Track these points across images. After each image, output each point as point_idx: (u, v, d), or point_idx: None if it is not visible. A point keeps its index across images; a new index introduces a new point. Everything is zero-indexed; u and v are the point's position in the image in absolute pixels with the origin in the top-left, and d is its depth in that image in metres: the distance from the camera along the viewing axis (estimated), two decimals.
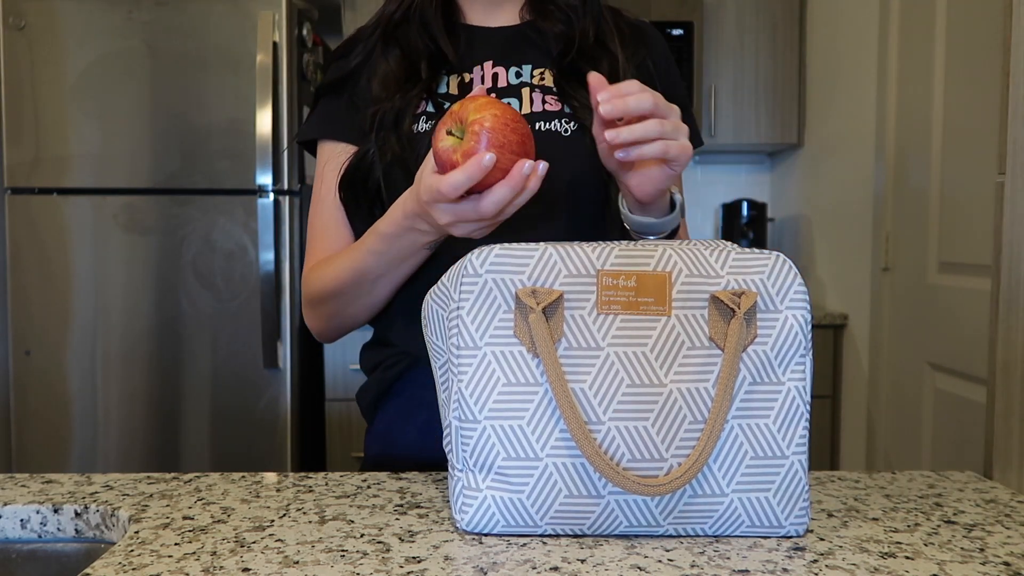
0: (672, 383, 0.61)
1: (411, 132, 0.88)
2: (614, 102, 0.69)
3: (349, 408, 2.31)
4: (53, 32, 2.09)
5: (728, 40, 2.68)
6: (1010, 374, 0.92)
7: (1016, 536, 0.65)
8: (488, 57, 0.93)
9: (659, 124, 0.70)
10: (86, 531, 0.71)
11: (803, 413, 0.63)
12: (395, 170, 0.87)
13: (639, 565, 0.58)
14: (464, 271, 0.63)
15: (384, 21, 0.94)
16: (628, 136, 0.69)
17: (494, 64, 0.93)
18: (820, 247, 2.60)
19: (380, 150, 0.88)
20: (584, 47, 0.92)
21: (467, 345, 0.62)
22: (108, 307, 2.12)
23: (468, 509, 0.63)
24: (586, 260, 0.63)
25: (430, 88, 0.90)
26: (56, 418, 2.13)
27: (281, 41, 2.08)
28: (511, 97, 0.91)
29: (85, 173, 2.11)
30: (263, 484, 0.77)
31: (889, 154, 2.12)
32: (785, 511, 0.63)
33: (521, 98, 0.90)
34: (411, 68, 0.91)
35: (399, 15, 0.93)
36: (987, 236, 1.59)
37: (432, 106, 0.90)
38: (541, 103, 0.90)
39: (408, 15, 0.93)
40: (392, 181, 0.88)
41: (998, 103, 0.96)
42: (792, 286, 0.64)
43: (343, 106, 0.94)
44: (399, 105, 0.88)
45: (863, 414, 2.28)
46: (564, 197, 0.88)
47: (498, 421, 0.61)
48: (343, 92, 0.95)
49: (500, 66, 0.92)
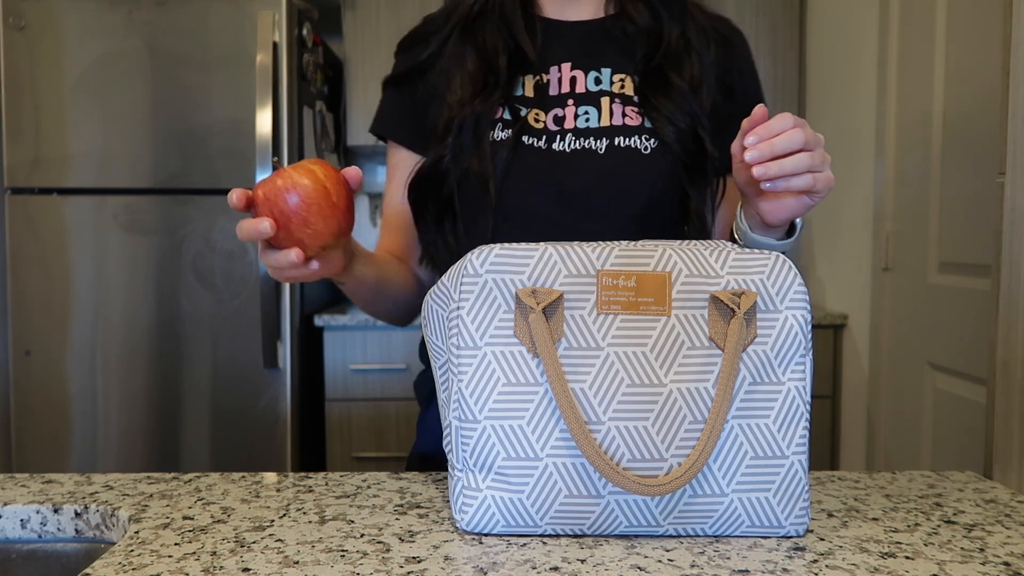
0: (672, 383, 0.61)
1: (489, 141, 0.85)
2: (760, 148, 0.65)
3: (349, 408, 2.31)
4: (53, 32, 2.08)
5: None
6: (1010, 374, 0.92)
7: (1016, 536, 0.65)
8: (566, 57, 0.89)
9: (809, 158, 0.66)
10: (86, 531, 0.71)
11: (803, 413, 0.63)
12: (469, 179, 0.85)
13: (639, 565, 0.58)
14: (464, 271, 0.63)
15: (463, 14, 0.90)
16: (777, 171, 0.65)
17: (573, 67, 0.89)
18: (820, 247, 2.60)
19: (455, 158, 0.85)
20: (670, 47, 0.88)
21: (467, 345, 0.62)
22: (108, 307, 2.12)
23: (468, 509, 0.63)
24: (586, 260, 0.63)
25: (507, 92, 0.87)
26: (56, 418, 2.13)
27: (281, 41, 2.07)
28: (589, 105, 0.87)
29: (85, 173, 2.11)
30: (263, 484, 0.77)
31: (889, 154, 2.12)
32: (785, 511, 0.63)
33: (600, 108, 0.87)
34: (488, 68, 0.87)
35: (478, 7, 0.89)
36: (987, 236, 1.59)
37: (509, 112, 0.87)
38: (621, 116, 0.86)
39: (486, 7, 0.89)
40: (466, 191, 0.86)
41: (998, 103, 0.96)
42: (792, 286, 0.64)
43: (407, 106, 0.92)
44: (478, 111, 0.85)
45: (863, 414, 2.28)
46: (637, 219, 0.85)
47: (498, 421, 0.61)
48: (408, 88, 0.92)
49: (579, 69, 0.89)
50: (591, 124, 0.86)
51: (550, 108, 0.88)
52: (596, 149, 0.85)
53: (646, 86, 0.87)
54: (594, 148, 0.85)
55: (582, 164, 0.85)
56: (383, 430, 2.30)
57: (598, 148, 0.85)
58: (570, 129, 0.86)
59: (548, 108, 0.88)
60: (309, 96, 2.25)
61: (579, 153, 0.85)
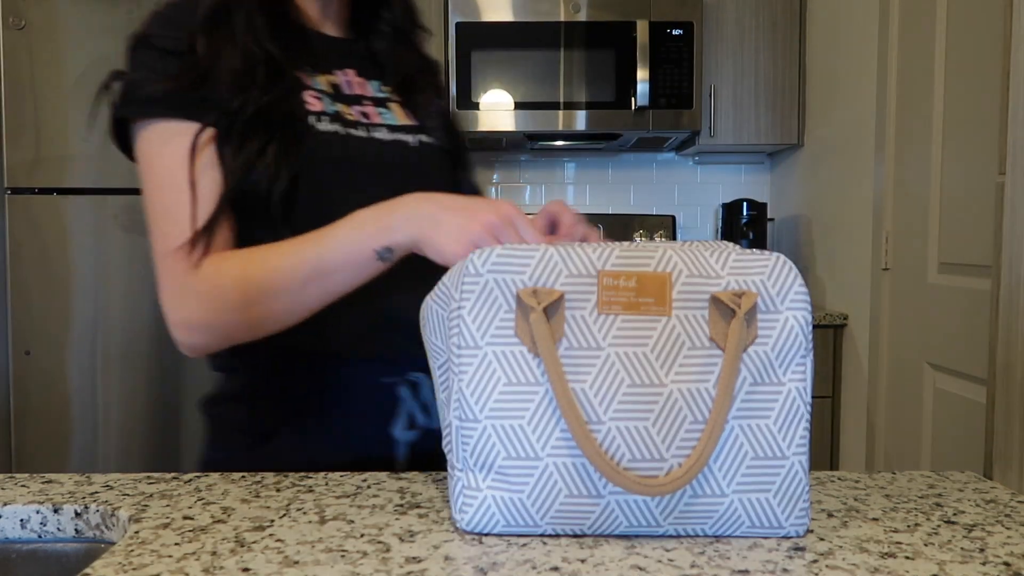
0: (673, 383, 0.61)
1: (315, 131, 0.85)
2: None
3: None
4: (53, 32, 2.08)
5: (728, 40, 2.68)
6: (1010, 374, 0.92)
7: (1016, 536, 0.65)
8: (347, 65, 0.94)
9: None
10: (86, 531, 0.71)
11: (803, 414, 0.63)
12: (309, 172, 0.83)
13: (639, 565, 0.58)
14: (466, 271, 0.63)
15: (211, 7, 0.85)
16: None
17: (358, 74, 0.94)
18: (820, 247, 2.60)
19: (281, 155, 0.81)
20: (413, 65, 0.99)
21: (468, 345, 0.62)
22: (108, 307, 2.12)
23: (468, 509, 0.63)
24: (587, 260, 0.63)
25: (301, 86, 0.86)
26: (56, 418, 2.13)
27: None
28: (381, 107, 0.93)
29: (85, 173, 2.11)
30: (263, 484, 0.77)
31: (889, 154, 2.12)
32: (785, 512, 0.63)
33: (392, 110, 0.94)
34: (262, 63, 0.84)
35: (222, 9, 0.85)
36: (987, 236, 1.59)
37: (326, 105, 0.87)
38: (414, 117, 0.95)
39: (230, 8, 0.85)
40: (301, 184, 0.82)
41: (998, 103, 0.96)
42: (792, 287, 0.64)
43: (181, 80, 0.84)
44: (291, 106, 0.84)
45: (863, 414, 2.28)
46: None
47: (499, 420, 0.61)
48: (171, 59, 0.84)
49: (362, 77, 0.95)
50: (393, 122, 0.93)
51: (351, 105, 0.91)
52: (407, 142, 0.93)
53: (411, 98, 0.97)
54: (405, 140, 0.93)
55: (402, 155, 0.91)
56: None
57: (410, 142, 0.93)
58: (380, 124, 0.92)
59: (350, 104, 0.91)
60: None
61: (396, 143, 0.92)
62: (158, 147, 0.83)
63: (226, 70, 0.82)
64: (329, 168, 0.85)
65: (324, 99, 0.88)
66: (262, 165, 0.81)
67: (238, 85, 0.82)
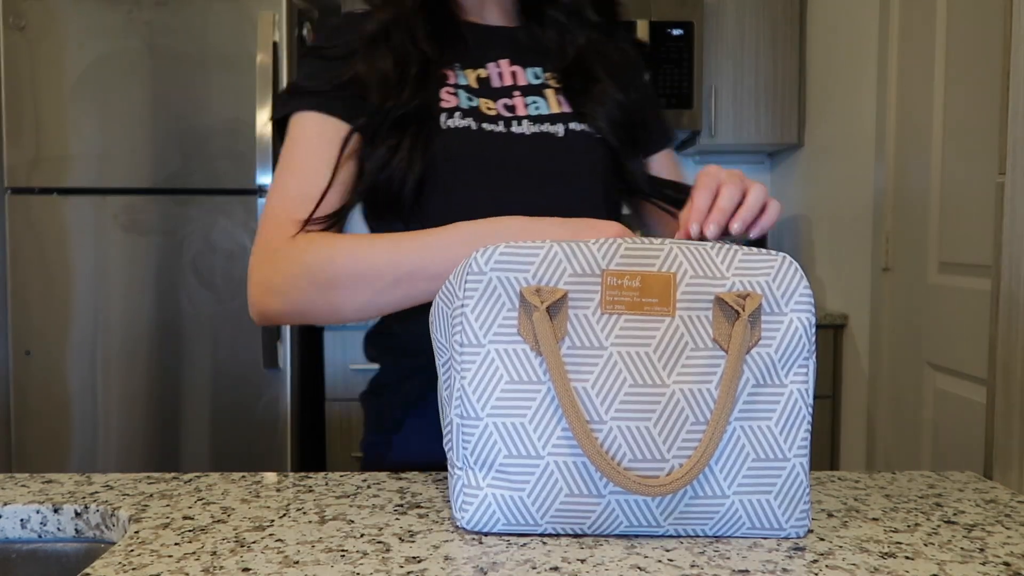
0: (675, 384, 0.61)
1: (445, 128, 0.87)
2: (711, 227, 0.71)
3: (349, 408, 2.31)
4: (53, 32, 2.08)
5: (728, 40, 2.68)
6: (1010, 374, 0.92)
7: (1016, 536, 0.65)
8: (502, 55, 0.94)
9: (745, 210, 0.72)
10: (86, 531, 0.71)
11: (805, 416, 0.63)
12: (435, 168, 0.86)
13: (639, 565, 0.58)
14: (469, 268, 0.63)
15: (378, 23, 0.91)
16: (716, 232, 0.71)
17: (511, 63, 0.94)
18: (820, 247, 2.60)
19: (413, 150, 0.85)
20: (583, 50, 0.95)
21: (470, 342, 0.62)
22: (108, 307, 2.12)
23: (468, 507, 0.63)
24: (591, 259, 0.63)
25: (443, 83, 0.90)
26: (56, 418, 2.13)
27: (281, 41, 2.07)
28: (535, 96, 0.92)
29: (85, 173, 2.11)
30: (263, 484, 0.77)
31: (889, 154, 2.12)
32: (786, 513, 0.63)
33: (547, 98, 0.92)
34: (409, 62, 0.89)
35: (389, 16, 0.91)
36: (987, 236, 1.59)
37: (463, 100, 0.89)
38: (568, 105, 0.92)
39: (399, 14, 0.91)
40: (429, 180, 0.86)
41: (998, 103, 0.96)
42: (797, 289, 0.64)
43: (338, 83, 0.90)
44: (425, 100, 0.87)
45: (863, 414, 2.28)
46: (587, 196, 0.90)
47: (500, 418, 0.61)
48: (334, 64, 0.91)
49: (517, 65, 0.94)
50: (542, 111, 0.92)
51: (497, 98, 0.91)
52: (554, 132, 0.90)
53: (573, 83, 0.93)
54: (551, 131, 0.90)
55: (544, 147, 0.89)
56: None
57: (556, 132, 0.90)
58: (524, 116, 0.91)
59: (496, 98, 0.91)
60: None
61: (538, 136, 0.90)
62: (307, 131, 0.88)
63: (379, 72, 0.87)
64: (458, 165, 0.86)
65: (461, 95, 0.90)
66: (395, 162, 0.85)
67: (387, 86, 0.86)
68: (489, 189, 0.86)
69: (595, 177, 0.90)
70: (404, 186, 0.84)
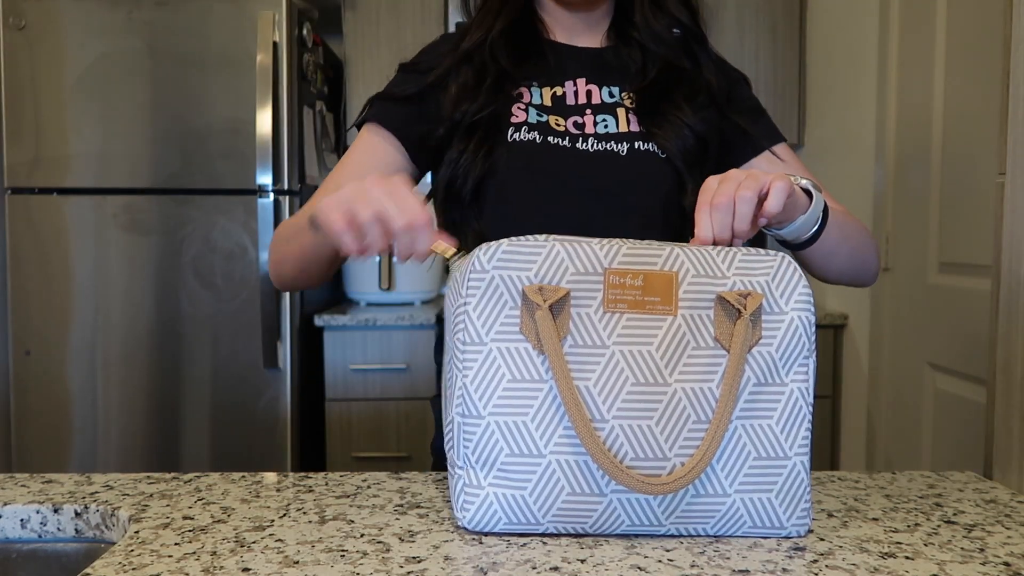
0: (677, 383, 0.61)
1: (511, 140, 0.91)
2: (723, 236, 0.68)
3: (349, 408, 2.31)
4: (53, 32, 2.08)
5: (728, 40, 2.68)
6: (1010, 374, 0.92)
7: (1016, 536, 0.65)
8: (580, 73, 0.97)
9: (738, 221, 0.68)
10: (86, 531, 0.71)
11: (806, 414, 0.63)
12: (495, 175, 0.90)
13: (639, 565, 0.58)
14: (471, 267, 0.63)
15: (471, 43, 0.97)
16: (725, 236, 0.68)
17: (588, 81, 0.97)
18: None
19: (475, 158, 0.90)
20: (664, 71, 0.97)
21: (472, 341, 0.62)
22: (108, 307, 2.12)
23: (470, 507, 0.63)
24: (593, 258, 0.63)
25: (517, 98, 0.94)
26: (56, 418, 2.13)
27: (281, 41, 2.07)
28: (606, 114, 0.94)
29: (85, 173, 2.11)
30: (263, 484, 0.77)
31: (889, 154, 2.12)
32: (787, 512, 0.63)
33: (617, 117, 0.95)
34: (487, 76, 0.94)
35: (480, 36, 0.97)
36: (987, 236, 1.59)
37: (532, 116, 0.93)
38: (638, 124, 0.94)
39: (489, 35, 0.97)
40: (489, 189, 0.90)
41: (998, 103, 0.96)
42: (797, 288, 0.64)
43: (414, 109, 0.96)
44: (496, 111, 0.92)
45: (863, 414, 2.28)
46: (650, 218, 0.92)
47: (502, 417, 0.61)
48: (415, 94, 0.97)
49: (593, 84, 0.97)
50: (610, 130, 0.94)
51: (569, 116, 0.95)
52: (618, 151, 0.92)
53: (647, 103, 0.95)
54: (616, 150, 0.92)
55: (605, 164, 0.91)
56: (383, 430, 2.30)
57: (620, 150, 0.92)
58: (591, 133, 0.93)
59: (567, 116, 0.95)
60: (309, 96, 2.25)
61: (602, 154, 0.92)
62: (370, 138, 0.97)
63: (459, 83, 0.94)
64: (517, 175, 0.91)
65: (531, 111, 0.94)
66: (460, 164, 0.91)
67: (463, 96, 0.93)
68: (543, 199, 0.90)
69: (653, 196, 0.92)
70: (464, 187, 0.91)
